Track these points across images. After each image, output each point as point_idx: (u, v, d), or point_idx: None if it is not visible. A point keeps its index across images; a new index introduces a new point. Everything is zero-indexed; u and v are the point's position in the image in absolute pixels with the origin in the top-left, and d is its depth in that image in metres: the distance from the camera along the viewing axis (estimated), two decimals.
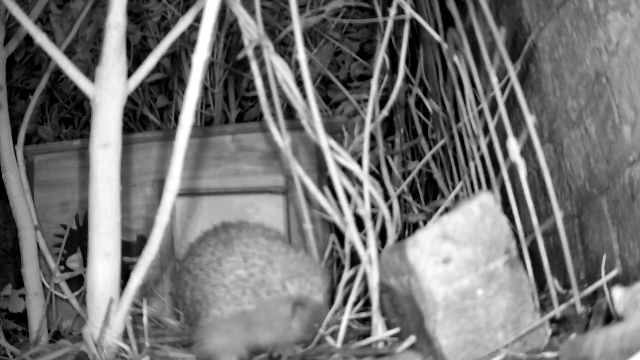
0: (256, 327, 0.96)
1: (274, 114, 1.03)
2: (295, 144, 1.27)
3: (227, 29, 1.90)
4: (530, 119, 0.77)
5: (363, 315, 1.08)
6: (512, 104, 1.19)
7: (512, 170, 0.85)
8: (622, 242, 0.88)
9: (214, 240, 1.02)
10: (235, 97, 2.05)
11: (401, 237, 1.08)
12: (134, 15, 1.97)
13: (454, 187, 1.35)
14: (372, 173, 1.34)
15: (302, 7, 1.78)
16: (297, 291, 0.96)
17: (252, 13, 1.01)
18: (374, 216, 1.01)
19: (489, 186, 0.99)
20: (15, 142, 1.38)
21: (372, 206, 1.01)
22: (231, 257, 0.98)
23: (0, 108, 1.34)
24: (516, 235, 0.82)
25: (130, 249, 1.44)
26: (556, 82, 1.06)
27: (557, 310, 0.79)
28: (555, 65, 1.05)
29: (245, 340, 0.98)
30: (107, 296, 0.99)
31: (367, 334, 0.98)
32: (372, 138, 1.17)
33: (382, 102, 1.20)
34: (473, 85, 1.04)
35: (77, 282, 1.43)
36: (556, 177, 1.10)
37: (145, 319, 1.05)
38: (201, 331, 0.98)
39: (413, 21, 1.12)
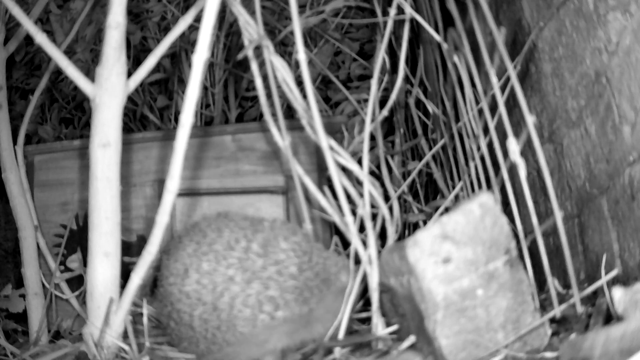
0: (315, 323, 0.95)
1: (274, 114, 1.03)
2: (295, 144, 1.27)
3: (227, 29, 1.90)
4: (530, 119, 0.77)
5: (363, 315, 1.08)
6: (512, 104, 1.19)
7: (512, 170, 0.85)
8: (622, 242, 0.88)
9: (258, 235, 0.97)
10: (235, 97, 2.05)
11: (401, 237, 1.08)
12: (134, 15, 1.97)
13: (454, 187, 1.35)
14: (372, 173, 1.34)
15: (302, 7, 1.78)
16: (343, 280, 0.96)
17: (252, 13, 1.01)
18: (374, 216, 1.01)
19: (489, 186, 0.99)
20: (15, 142, 1.38)
21: (372, 206, 1.01)
22: (299, 257, 0.95)
23: (0, 108, 1.34)
24: (516, 235, 0.82)
25: (130, 249, 1.44)
26: (556, 82, 1.06)
27: (557, 310, 0.79)
28: (555, 65, 1.05)
29: (302, 339, 0.96)
30: (107, 296, 0.99)
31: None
32: (372, 138, 1.17)
33: (382, 102, 1.20)
34: (473, 85, 1.04)
35: (77, 282, 1.43)
36: (556, 177, 1.10)
37: (145, 319, 1.05)
38: (267, 333, 0.94)
39: (413, 21, 1.12)
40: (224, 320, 0.93)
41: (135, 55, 1.94)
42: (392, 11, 1.06)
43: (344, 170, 0.98)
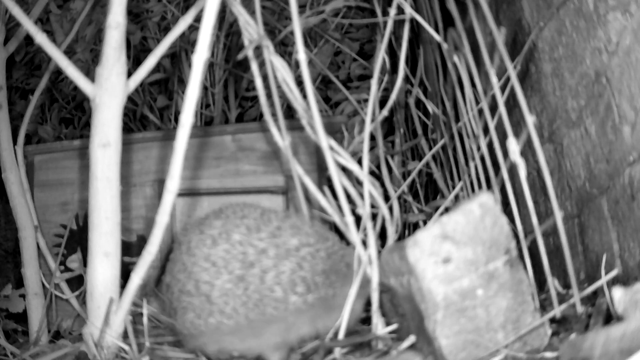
0: (337, 310, 0.92)
1: (274, 114, 1.03)
2: (295, 144, 1.26)
3: (227, 29, 1.90)
4: (530, 119, 0.77)
5: (363, 315, 1.08)
6: (512, 104, 1.19)
7: (512, 170, 0.85)
8: (622, 242, 0.88)
9: (301, 224, 0.95)
10: (235, 97, 2.05)
11: (401, 237, 1.08)
12: (134, 15, 1.97)
13: (454, 187, 1.35)
14: (372, 173, 1.34)
15: (302, 7, 1.78)
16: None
17: (252, 13, 1.01)
18: (374, 216, 1.01)
19: (489, 186, 0.99)
20: (15, 142, 1.38)
21: (372, 206, 1.01)
22: (324, 242, 0.93)
23: (0, 108, 1.34)
24: (516, 235, 0.82)
25: (130, 249, 1.44)
26: (556, 82, 1.06)
27: (557, 310, 0.79)
28: (555, 65, 1.05)
29: (323, 326, 0.93)
30: (107, 296, 0.99)
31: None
32: (372, 138, 1.17)
33: (382, 102, 1.20)
34: (473, 85, 1.04)
35: (77, 282, 1.43)
36: (556, 177, 1.10)
37: (145, 319, 1.05)
38: (295, 316, 0.89)
39: (413, 21, 1.12)
40: (252, 296, 0.88)
41: (135, 55, 1.94)
42: (392, 11, 1.06)
43: (344, 170, 0.98)
